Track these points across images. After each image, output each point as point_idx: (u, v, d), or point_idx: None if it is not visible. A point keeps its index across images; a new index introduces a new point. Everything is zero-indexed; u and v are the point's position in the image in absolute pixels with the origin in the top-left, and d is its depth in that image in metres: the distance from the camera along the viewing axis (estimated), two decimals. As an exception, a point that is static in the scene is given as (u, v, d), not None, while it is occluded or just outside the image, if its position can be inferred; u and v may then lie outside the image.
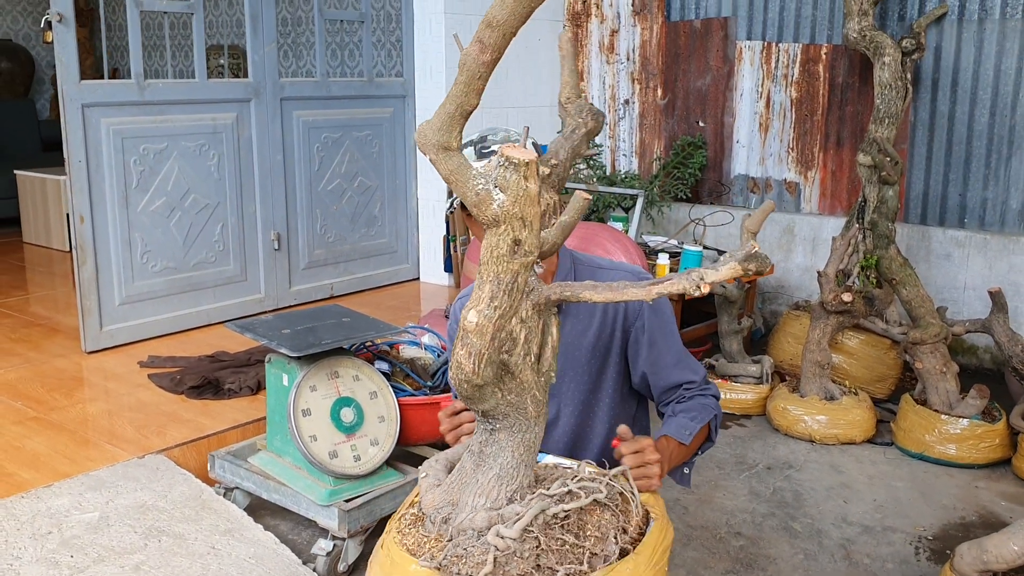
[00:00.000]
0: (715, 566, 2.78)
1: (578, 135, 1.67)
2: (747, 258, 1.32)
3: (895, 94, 4.02)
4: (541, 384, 1.48)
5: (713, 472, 3.42)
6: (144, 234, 4.09)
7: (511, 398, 1.46)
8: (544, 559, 1.41)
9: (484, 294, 1.35)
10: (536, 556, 1.41)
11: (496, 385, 1.43)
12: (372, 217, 5.09)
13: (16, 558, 2.41)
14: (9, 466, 2.89)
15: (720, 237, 5.05)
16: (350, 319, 2.92)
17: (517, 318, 1.42)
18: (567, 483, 1.53)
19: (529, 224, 1.35)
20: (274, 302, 4.64)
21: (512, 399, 1.46)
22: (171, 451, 3.03)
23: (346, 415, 2.69)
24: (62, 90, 3.76)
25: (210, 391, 3.50)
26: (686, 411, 1.91)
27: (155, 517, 2.66)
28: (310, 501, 2.63)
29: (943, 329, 3.69)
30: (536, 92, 5.49)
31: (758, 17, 4.96)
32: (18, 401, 3.44)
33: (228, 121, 4.34)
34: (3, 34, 8.31)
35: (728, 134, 5.15)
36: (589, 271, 1.95)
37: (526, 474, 1.51)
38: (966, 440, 3.47)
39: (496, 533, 1.41)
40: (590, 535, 1.48)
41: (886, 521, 3.08)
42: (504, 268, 1.35)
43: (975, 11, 4.33)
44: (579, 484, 1.53)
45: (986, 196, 4.44)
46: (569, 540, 1.44)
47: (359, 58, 6.52)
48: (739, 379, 3.99)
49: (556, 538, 1.44)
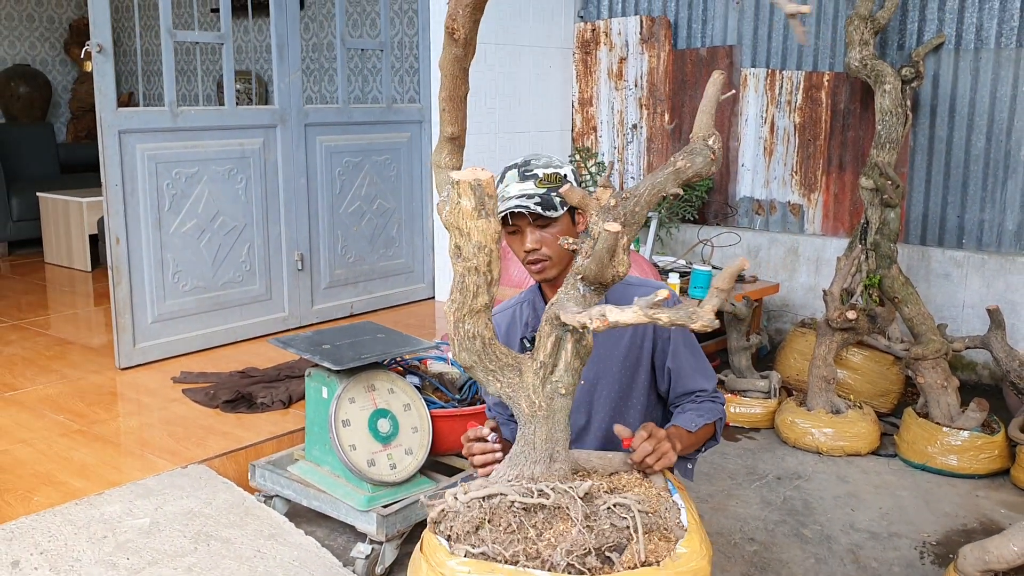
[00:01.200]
0: (731, 570, 2.93)
1: (664, 173, 1.75)
2: (652, 306, 1.43)
3: (896, 120, 4.21)
4: (543, 391, 1.68)
5: (726, 482, 3.57)
6: (176, 255, 4.25)
7: (508, 391, 1.70)
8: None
9: (451, 289, 1.66)
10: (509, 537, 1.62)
11: (488, 372, 1.69)
12: (390, 238, 5.27)
13: (76, 560, 2.56)
14: (61, 475, 3.04)
15: (727, 257, 5.23)
16: (384, 335, 3.08)
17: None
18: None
19: (466, 234, 1.59)
20: (297, 320, 4.80)
21: (509, 392, 1.70)
22: (211, 461, 3.18)
23: (382, 426, 2.85)
24: (100, 117, 3.93)
25: (244, 405, 3.65)
26: (695, 409, 2.09)
27: (202, 523, 2.81)
28: (349, 507, 2.79)
29: (944, 345, 3.85)
30: (547, 118, 5.68)
31: (762, 45, 5.16)
32: (60, 415, 3.59)
33: (255, 146, 4.52)
34: (21, 59, 8.51)
35: (734, 158, 5.33)
36: (621, 287, 2.12)
37: (528, 464, 1.71)
38: (967, 451, 3.63)
39: (454, 495, 1.69)
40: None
41: (892, 528, 3.24)
42: (456, 269, 1.64)
43: (971, 40, 4.53)
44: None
45: (983, 218, 4.62)
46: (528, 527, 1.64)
47: (373, 83, 6.72)
48: (748, 393, 4.15)
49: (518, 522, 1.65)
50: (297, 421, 3.50)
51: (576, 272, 1.68)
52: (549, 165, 2.08)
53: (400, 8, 6.43)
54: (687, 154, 1.75)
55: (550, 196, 2.03)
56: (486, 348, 1.66)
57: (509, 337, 2.20)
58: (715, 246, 5.09)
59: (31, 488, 2.95)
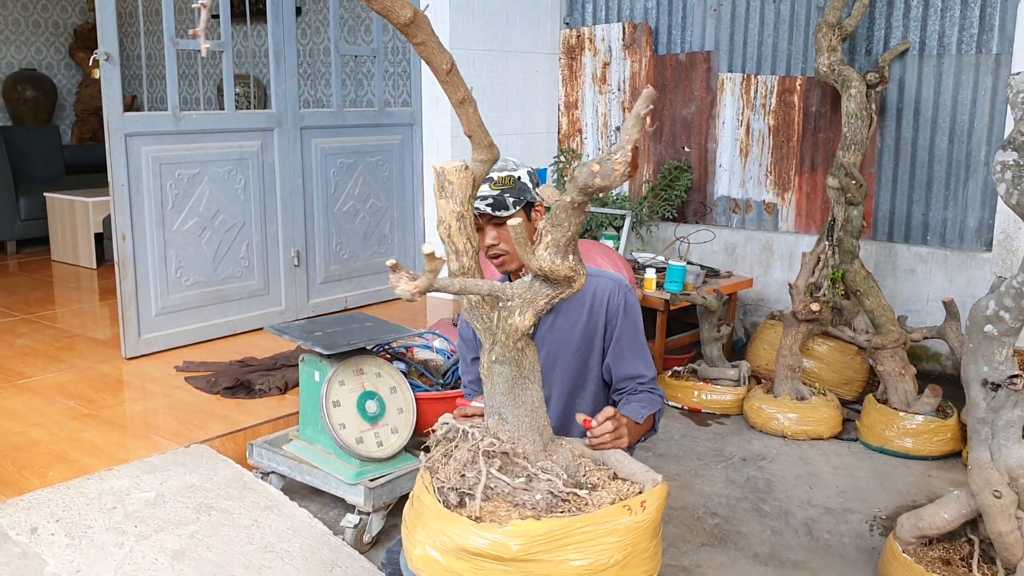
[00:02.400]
0: (692, 540, 3.17)
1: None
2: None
3: (861, 123, 4.44)
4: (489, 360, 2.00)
5: (694, 463, 3.81)
6: (178, 251, 4.49)
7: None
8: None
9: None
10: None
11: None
12: (383, 236, 5.51)
13: (88, 527, 2.80)
14: (73, 454, 3.28)
15: (704, 254, 5.47)
16: (372, 324, 3.33)
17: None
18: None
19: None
20: (293, 314, 5.04)
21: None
22: (212, 441, 3.42)
23: (370, 407, 3.09)
24: (107, 121, 4.17)
25: (242, 391, 3.89)
26: (638, 400, 2.32)
27: (203, 496, 3.05)
28: (339, 481, 3.02)
29: (902, 335, 4.09)
30: (534, 121, 5.93)
31: (738, 51, 5.40)
32: (71, 400, 3.83)
33: (254, 148, 4.76)
34: (28, 64, 8.76)
35: (711, 159, 5.57)
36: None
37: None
38: (921, 434, 3.86)
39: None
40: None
41: (846, 504, 3.47)
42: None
43: (934, 47, 4.76)
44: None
45: (946, 216, 4.85)
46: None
47: (367, 87, 6.96)
48: (719, 382, 4.39)
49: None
50: (292, 406, 3.73)
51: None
52: (504, 169, 2.33)
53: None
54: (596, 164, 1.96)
55: (502, 197, 2.30)
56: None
57: None
58: (691, 243, 5.33)
59: (46, 465, 3.20)
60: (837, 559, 3.05)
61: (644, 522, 1.86)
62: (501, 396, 1.97)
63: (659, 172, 5.71)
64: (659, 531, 1.96)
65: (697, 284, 4.71)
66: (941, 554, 2.75)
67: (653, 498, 1.90)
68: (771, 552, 3.09)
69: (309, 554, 2.83)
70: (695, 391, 4.37)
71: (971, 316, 2.66)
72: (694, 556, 3.04)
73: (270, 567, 2.73)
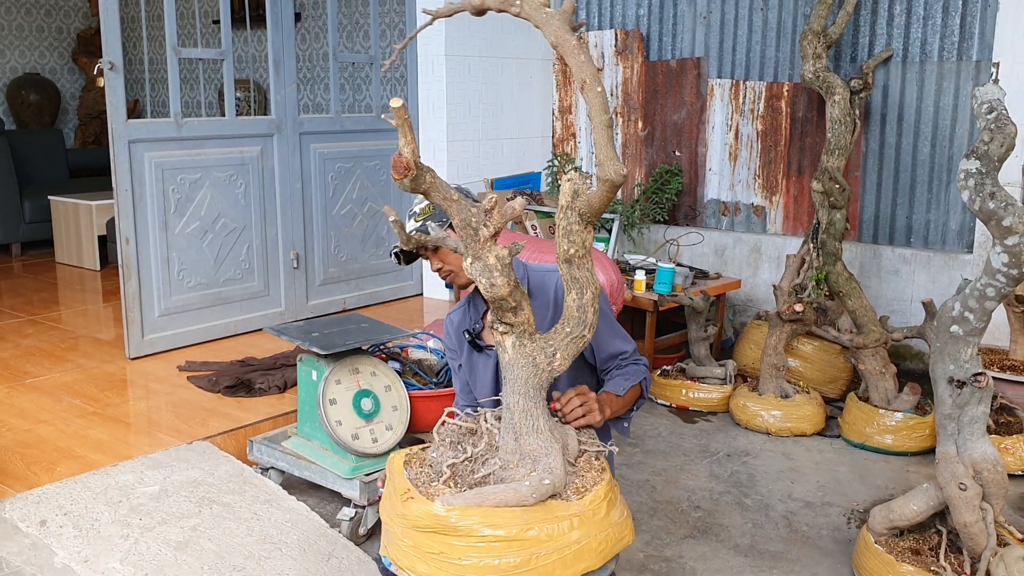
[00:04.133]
0: (676, 532, 3.29)
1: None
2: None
3: (844, 128, 4.56)
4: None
5: (680, 459, 3.94)
6: (180, 254, 4.62)
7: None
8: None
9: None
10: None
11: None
12: (380, 238, 5.63)
13: (95, 520, 2.93)
14: (80, 450, 3.41)
15: (694, 255, 5.60)
16: (368, 325, 3.45)
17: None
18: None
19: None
20: (293, 315, 5.17)
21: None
22: (213, 438, 3.55)
23: (365, 404, 3.22)
24: (111, 128, 4.30)
25: (243, 390, 4.02)
26: (621, 375, 2.44)
27: (206, 490, 3.18)
28: (336, 476, 3.15)
29: (883, 335, 4.21)
30: (529, 125, 6.05)
31: (727, 58, 5.53)
32: (77, 399, 3.96)
33: (254, 154, 4.89)
34: (32, 68, 8.89)
35: (701, 163, 5.70)
36: (540, 274, 2.51)
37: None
38: (900, 431, 3.99)
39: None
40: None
41: (826, 498, 3.60)
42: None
43: (917, 54, 4.89)
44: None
45: (929, 218, 4.98)
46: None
47: (365, 92, 7.09)
48: (706, 380, 4.51)
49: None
50: (291, 404, 3.86)
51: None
52: (423, 200, 2.49)
53: (391, 21, 6.80)
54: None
55: (425, 226, 2.52)
56: None
57: (460, 330, 2.58)
58: (682, 245, 5.45)
59: (54, 461, 3.32)
60: (814, 550, 3.18)
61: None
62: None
63: (650, 176, 5.83)
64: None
65: (686, 285, 4.83)
66: (911, 544, 2.88)
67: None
68: (751, 543, 3.21)
69: (307, 545, 2.95)
70: (683, 389, 4.50)
71: (938, 317, 2.79)
72: (676, 547, 3.17)
73: (269, 557, 2.85)
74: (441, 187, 2.00)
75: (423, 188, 1.97)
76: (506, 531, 1.89)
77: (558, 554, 1.93)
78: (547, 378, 2.06)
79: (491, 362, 2.52)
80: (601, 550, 1.99)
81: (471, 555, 1.90)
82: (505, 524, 1.90)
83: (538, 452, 2.06)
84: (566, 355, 2.05)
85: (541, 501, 1.97)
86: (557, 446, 2.07)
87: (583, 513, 1.97)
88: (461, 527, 1.90)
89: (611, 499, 2.06)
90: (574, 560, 1.95)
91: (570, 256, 2.02)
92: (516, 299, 2.01)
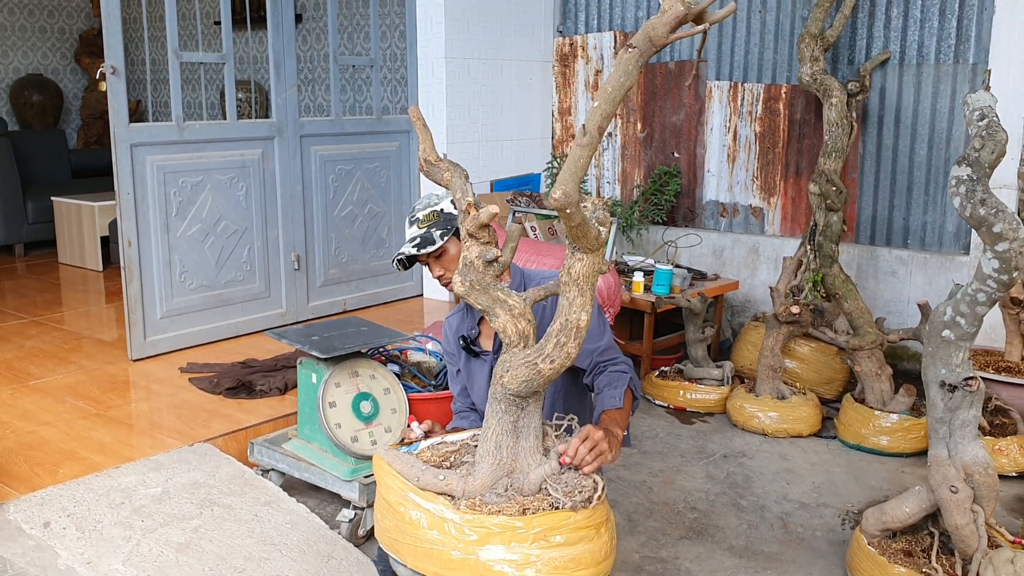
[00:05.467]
0: (672, 533, 3.33)
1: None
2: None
3: (841, 131, 4.58)
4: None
5: (676, 460, 3.97)
6: (182, 256, 4.66)
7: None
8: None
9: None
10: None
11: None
12: (380, 240, 5.67)
13: (98, 521, 2.97)
14: (82, 452, 3.45)
15: (693, 257, 5.63)
16: (367, 328, 3.49)
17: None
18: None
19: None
20: (294, 316, 5.21)
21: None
22: (215, 440, 3.59)
23: (364, 407, 3.25)
24: (114, 132, 4.34)
25: (244, 392, 4.06)
26: (607, 385, 2.42)
27: (207, 492, 3.22)
28: (335, 478, 3.19)
29: (879, 337, 4.24)
30: (529, 127, 6.08)
31: (726, 60, 5.56)
32: (79, 400, 4.00)
33: (255, 156, 4.93)
34: (34, 69, 8.93)
35: (700, 164, 5.73)
36: (537, 280, 2.54)
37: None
38: (896, 432, 4.02)
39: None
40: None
41: (821, 499, 3.63)
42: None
43: (913, 57, 4.91)
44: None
45: (926, 220, 5.01)
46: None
47: (366, 92, 7.12)
48: (704, 381, 4.55)
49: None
50: (292, 406, 3.90)
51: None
52: (428, 206, 2.53)
53: (391, 23, 6.83)
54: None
55: (428, 233, 2.51)
56: None
57: (458, 334, 2.62)
58: (680, 246, 5.48)
59: (57, 462, 3.37)
60: (808, 551, 3.22)
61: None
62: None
63: (649, 177, 5.86)
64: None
65: (683, 287, 4.86)
66: (904, 546, 2.91)
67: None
68: (746, 544, 3.25)
69: (307, 547, 2.99)
70: (680, 390, 4.53)
71: (930, 322, 2.82)
72: (672, 548, 3.20)
73: (269, 559, 2.89)
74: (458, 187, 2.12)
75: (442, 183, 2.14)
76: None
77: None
78: (502, 392, 2.08)
79: (486, 367, 2.55)
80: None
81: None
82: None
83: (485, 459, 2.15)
84: (516, 375, 2.06)
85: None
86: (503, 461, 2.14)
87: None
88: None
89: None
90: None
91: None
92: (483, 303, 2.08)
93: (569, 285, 2.08)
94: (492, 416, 2.14)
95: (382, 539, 2.18)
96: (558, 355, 2.06)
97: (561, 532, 2.06)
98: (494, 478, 2.14)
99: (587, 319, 2.02)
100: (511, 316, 2.09)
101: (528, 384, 2.07)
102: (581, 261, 2.06)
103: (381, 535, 2.18)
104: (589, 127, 1.99)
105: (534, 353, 2.06)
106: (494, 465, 2.15)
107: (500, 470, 2.15)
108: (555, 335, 2.05)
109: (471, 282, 2.11)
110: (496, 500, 2.13)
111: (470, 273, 2.11)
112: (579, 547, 2.07)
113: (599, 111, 2.01)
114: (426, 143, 2.21)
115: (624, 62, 2.05)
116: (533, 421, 2.16)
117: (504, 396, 2.12)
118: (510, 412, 2.13)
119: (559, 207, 1.90)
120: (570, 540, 2.06)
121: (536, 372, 2.06)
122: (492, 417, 2.14)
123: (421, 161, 2.22)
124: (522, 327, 2.10)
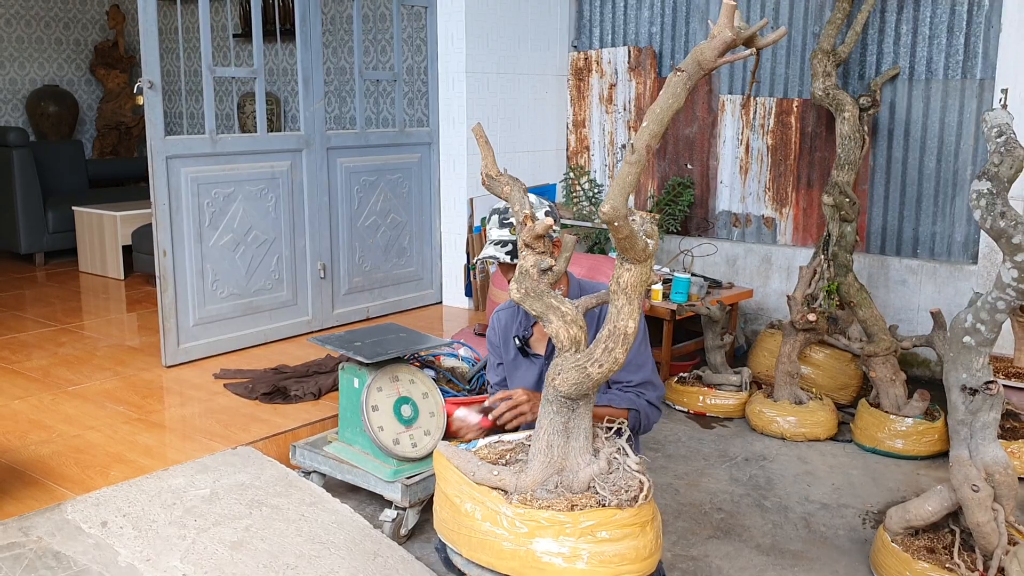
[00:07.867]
0: (700, 533, 3.46)
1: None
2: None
3: (854, 144, 4.73)
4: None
5: (700, 463, 4.10)
6: (214, 265, 4.79)
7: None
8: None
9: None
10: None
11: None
12: (402, 249, 5.81)
13: (153, 521, 3.09)
14: (130, 455, 3.57)
15: (707, 265, 5.77)
16: (406, 335, 3.61)
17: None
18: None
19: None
20: (320, 323, 5.33)
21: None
22: (256, 443, 3.71)
23: (405, 411, 3.38)
24: (150, 145, 4.46)
25: (279, 397, 4.18)
26: (610, 396, 2.57)
27: (254, 493, 3.34)
28: (378, 479, 3.31)
29: (892, 343, 4.39)
30: (544, 139, 6.23)
31: (738, 74, 5.71)
32: (120, 406, 4.12)
33: (284, 168, 5.06)
34: (50, 80, 9.05)
35: (713, 175, 5.88)
36: (593, 290, 2.67)
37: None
38: (910, 436, 4.16)
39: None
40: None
41: (841, 500, 3.77)
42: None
43: (923, 72, 5.07)
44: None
45: (935, 230, 5.15)
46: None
47: (384, 104, 7.26)
48: (722, 387, 4.68)
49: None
50: (326, 410, 4.02)
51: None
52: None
53: (409, 36, 6.97)
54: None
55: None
56: None
57: (507, 330, 2.74)
58: (695, 256, 5.62)
59: (106, 465, 3.48)
60: (832, 549, 3.35)
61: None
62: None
63: (663, 188, 6.00)
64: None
65: (701, 295, 5.00)
66: (926, 543, 3.04)
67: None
68: (772, 543, 3.38)
69: (353, 545, 3.12)
70: (700, 396, 4.66)
71: (951, 328, 2.96)
72: (702, 547, 3.33)
73: (319, 556, 3.01)
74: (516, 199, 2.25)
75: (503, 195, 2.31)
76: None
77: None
78: (554, 394, 2.23)
79: (535, 369, 2.68)
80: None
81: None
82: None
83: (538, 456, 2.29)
84: (567, 378, 2.21)
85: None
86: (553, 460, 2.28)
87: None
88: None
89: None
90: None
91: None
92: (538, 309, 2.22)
93: (618, 294, 2.21)
94: (544, 416, 2.28)
95: (440, 529, 2.32)
96: (606, 360, 2.19)
97: (607, 528, 2.19)
98: (545, 475, 2.28)
99: (634, 327, 2.15)
100: (564, 322, 2.23)
101: (578, 387, 2.21)
102: (629, 271, 2.20)
103: (439, 525, 2.32)
104: (637, 146, 2.13)
105: (584, 357, 2.20)
106: (545, 463, 2.29)
107: (551, 468, 2.29)
108: (604, 341, 2.19)
109: (526, 289, 2.24)
110: (546, 496, 2.27)
111: (525, 281, 2.25)
112: (624, 543, 2.21)
113: (647, 131, 2.16)
114: (488, 158, 2.35)
115: (673, 85, 2.19)
116: (583, 423, 2.29)
117: (556, 398, 2.25)
118: (561, 413, 2.26)
119: (608, 220, 2.04)
120: (615, 536, 2.20)
121: (586, 376, 2.19)
122: (544, 417, 2.28)
123: (483, 175, 2.35)
124: (574, 333, 2.24)
